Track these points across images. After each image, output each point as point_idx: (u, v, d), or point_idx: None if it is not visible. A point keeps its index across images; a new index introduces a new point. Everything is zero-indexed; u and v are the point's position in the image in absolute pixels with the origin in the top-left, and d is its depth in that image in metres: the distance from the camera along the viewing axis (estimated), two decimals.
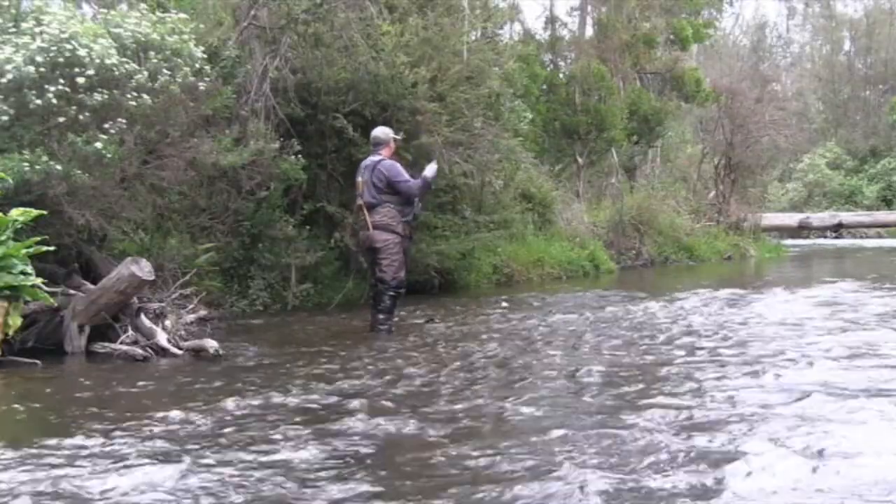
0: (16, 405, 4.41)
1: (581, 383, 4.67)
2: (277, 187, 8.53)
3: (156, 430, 3.73)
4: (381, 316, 6.82)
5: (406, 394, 4.46)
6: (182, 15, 7.26)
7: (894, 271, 13.66)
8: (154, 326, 5.95)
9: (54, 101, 6.00)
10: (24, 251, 5.45)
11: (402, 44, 9.10)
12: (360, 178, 6.92)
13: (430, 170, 6.97)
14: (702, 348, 5.77)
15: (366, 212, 6.78)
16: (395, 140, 7.16)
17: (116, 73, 6.25)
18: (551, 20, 20.56)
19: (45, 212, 5.72)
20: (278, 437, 3.58)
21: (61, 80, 6.06)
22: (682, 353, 5.60)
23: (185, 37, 6.84)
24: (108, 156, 6.19)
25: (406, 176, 6.84)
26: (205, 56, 7.15)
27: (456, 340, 6.37)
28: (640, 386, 4.55)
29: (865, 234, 28.24)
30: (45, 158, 5.95)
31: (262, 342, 6.37)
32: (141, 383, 4.93)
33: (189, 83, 6.76)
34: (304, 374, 5.06)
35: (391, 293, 6.81)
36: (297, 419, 3.91)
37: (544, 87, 18.77)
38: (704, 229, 18.12)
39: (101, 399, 4.48)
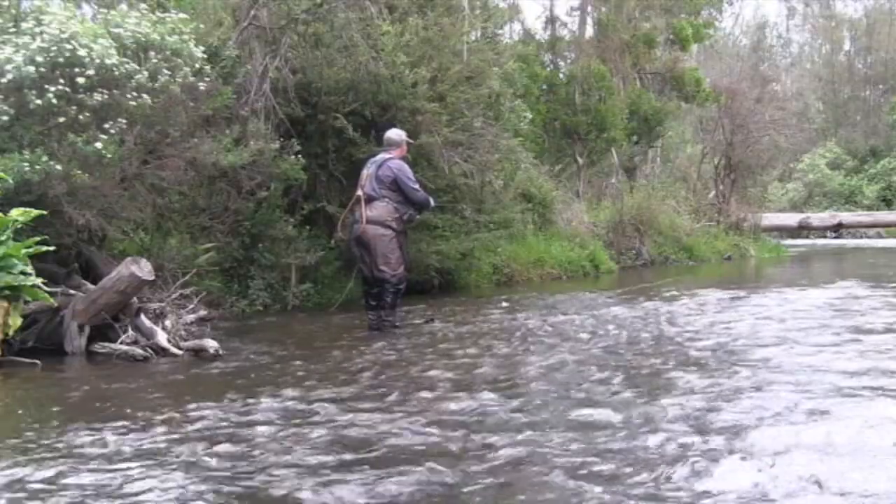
0: (16, 405, 4.42)
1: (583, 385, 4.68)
2: (277, 187, 8.53)
3: (154, 429, 3.73)
4: (384, 312, 6.92)
5: (404, 393, 4.46)
6: (182, 15, 7.26)
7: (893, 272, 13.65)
8: (154, 326, 5.95)
9: (54, 101, 6.00)
10: (24, 251, 5.45)
11: (402, 44, 9.10)
12: (365, 171, 7.01)
13: (432, 200, 7.33)
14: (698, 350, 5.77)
15: (363, 204, 6.82)
16: (407, 143, 7.28)
17: (116, 73, 6.26)
18: (551, 20, 20.58)
19: (45, 212, 5.73)
20: (278, 436, 3.58)
21: (61, 80, 6.06)
22: (684, 352, 5.61)
23: (185, 37, 6.84)
24: (108, 156, 6.19)
25: (415, 181, 7.05)
26: (205, 56, 7.15)
27: (456, 341, 6.37)
28: (638, 387, 4.56)
29: (865, 234, 28.25)
30: (45, 158, 5.95)
31: (262, 342, 6.36)
32: (140, 383, 4.93)
33: (189, 83, 6.77)
34: (303, 375, 5.06)
35: (392, 290, 6.88)
36: (296, 419, 3.91)
37: (544, 87, 18.79)
38: (704, 229, 18.11)
39: (100, 399, 4.48)
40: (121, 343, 5.79)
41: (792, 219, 26.38)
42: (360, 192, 6.91)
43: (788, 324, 6.83)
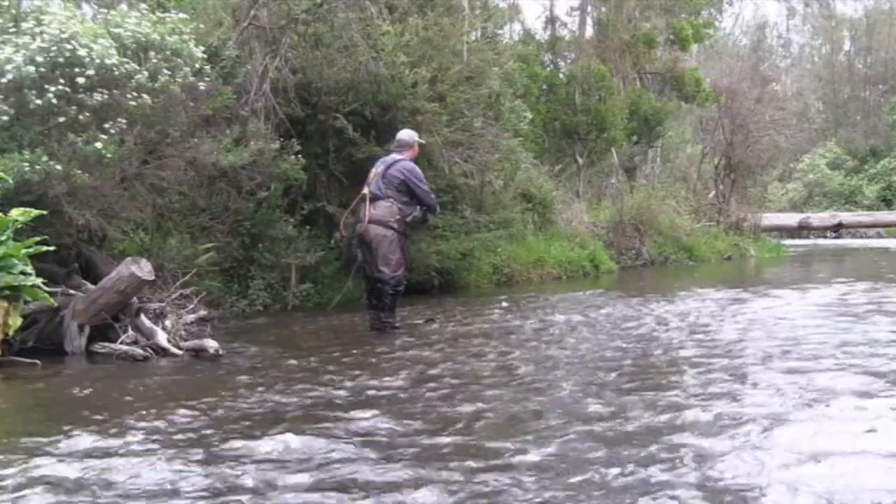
0: (15, 405, 4.41)
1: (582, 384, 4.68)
2: (277, 187, 8.53)
3: (153, 429, 3.73)
4: (383, 314, 6.88)
5: (403, 393, 4.46)
6: (182, 15, 7.26)
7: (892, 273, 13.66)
8: (154, 326, 5.95)
9: (54, 101, 6.00)
10: (24, 251, 5.45)
11: (402, 44, 9.10)
12: (373, 170, 7.01)
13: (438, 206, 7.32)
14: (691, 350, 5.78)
15: (367, 203, 6.81)
16: (419, 144, 7.27)
17: (116, 73, 6.25)
18: (551, 20, 20.60)
19: (45, 212, 5.72)
20: (277, 436, 3.58)
21: (61, 80, 6.06)
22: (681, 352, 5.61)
23: (185, 37, 6.84)
24: (108, 156, 6.19)
25: (425, 182, 7.02)
26: (205, 56, 7.15)
27: (455, 340, 6.37)
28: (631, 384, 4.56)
29: (865, 234, 28.27)
30: (45, 158, 5.95)
31: (262, 342, 6.36)
32: (140, 383, 4.93)
33: (189, 83, 6.76)
34: (304, 375, 5.06)
35: (390, 291, 6.85)
36: (296, 418, 3.91)
37: (544, 87, 18.80)
38: (704, 229, 18.12)
39: (100, 399, 4.48)
40: (121, 343, 5.78)
41: (792, 219, 26.39)
42: (365, 191, 6.91)
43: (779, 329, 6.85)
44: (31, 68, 5.96)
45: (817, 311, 7.69)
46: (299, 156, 8.43)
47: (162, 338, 5.85)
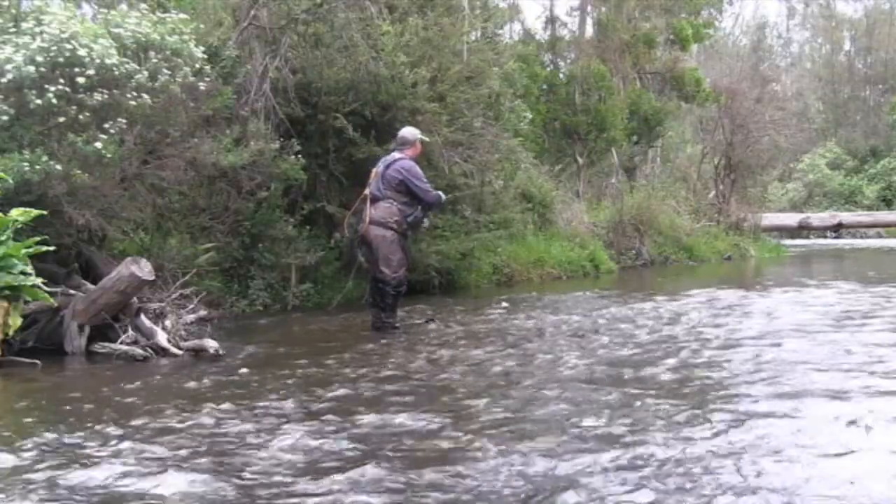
0: (15, 405, 4.41)
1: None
2: (277, 187, 8.53)
3: (153, 429, 3.73)
4: (384, 314, 6.88)
5: (404, 394, 4.46)
6: (182, 15, 7.26)
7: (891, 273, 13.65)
8: (154, 326, 5.95)
9: (54, 101, 6.00)
10: (24, 251, 5.45)
11: (402, 44, 9.10)
12: (374, 170, 7.00)
13: (443, 196, 7.19)
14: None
15: (368, 204, 6.80)
16: (421, 142, 7.22)
17: (116, 73, 6.25)
18: (551, 20, 20.61)
19: (45, 212, 5.72)
20: (276, 436, 3.58)
21: (61, 80, 6.06)
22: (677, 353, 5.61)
23: (185, 37, 6.84)
24: (108, 156, 6.19)
25: (425, 180, 6.93)
26: (205, 56, 7.15)
27: (455, 340, 6.36)
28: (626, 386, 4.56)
29: (865, 234, 28.26)
30: (45, 158, 5.95)
31: (262, 342, 6.36)
32: (140, 383, 4.92)
33: (189, 83, 6.76)
34: (303, 375, 5.06)
35: (392, 291, 6.85)
36: (296, 419, 3.91)
37: (544, 87, 18.82)
38: (704, 229, 18.11)
39: (99, 399, 4.48)
40: (121, 343, 5.78)
41: (792, 219, 26.37)
42: (366, 191, 6.91)
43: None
44: (31, 68, 5.97)
45: (817, 313, 7.71)
46: (299, 156, 8.43)
47: (162, 338, 5.85)
